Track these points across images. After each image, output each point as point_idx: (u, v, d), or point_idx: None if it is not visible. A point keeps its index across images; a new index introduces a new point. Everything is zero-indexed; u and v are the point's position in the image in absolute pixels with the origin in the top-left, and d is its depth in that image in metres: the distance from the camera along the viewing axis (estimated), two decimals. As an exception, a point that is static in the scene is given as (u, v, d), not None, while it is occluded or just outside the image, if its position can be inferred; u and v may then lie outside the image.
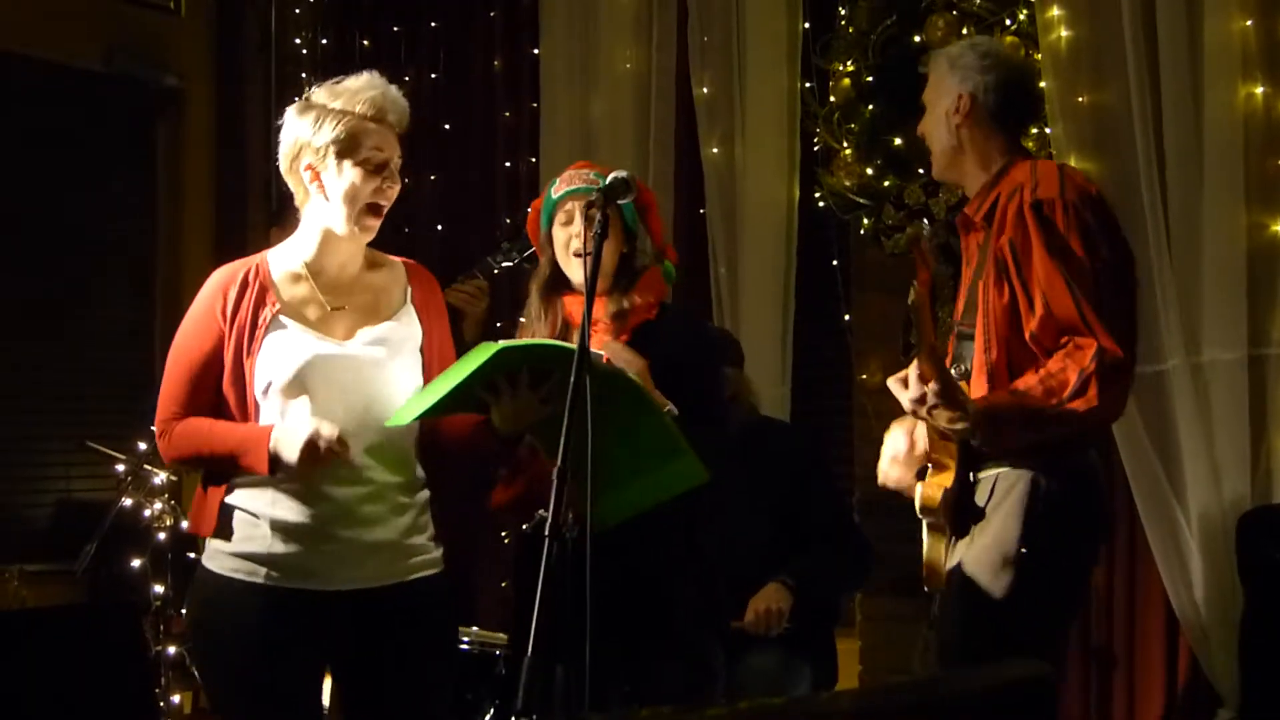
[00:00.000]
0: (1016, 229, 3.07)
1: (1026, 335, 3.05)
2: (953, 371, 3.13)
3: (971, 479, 3.14)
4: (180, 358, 3.03)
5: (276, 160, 3.06)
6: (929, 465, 3.18)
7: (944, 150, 3.30)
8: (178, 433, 3.00)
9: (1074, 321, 3.00)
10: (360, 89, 3.01)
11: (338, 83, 3.04)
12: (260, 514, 2.95)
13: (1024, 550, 3.04)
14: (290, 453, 2.86)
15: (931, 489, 3.12)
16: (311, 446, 2.84)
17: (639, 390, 2.99)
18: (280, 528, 2.94)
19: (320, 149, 2.97)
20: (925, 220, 3.40)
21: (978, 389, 3.09)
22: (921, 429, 3.22)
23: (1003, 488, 3.10)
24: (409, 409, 2.95)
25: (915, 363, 3.00)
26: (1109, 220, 3.16)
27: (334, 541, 2.95)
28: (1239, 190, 4.17)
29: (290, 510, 2.94)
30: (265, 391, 2.96)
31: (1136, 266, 3.31)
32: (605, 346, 3.32)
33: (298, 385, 2.94)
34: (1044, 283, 3.03)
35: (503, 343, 2.89)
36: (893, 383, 3.06)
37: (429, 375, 3.06)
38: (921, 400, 2.97)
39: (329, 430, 2.85)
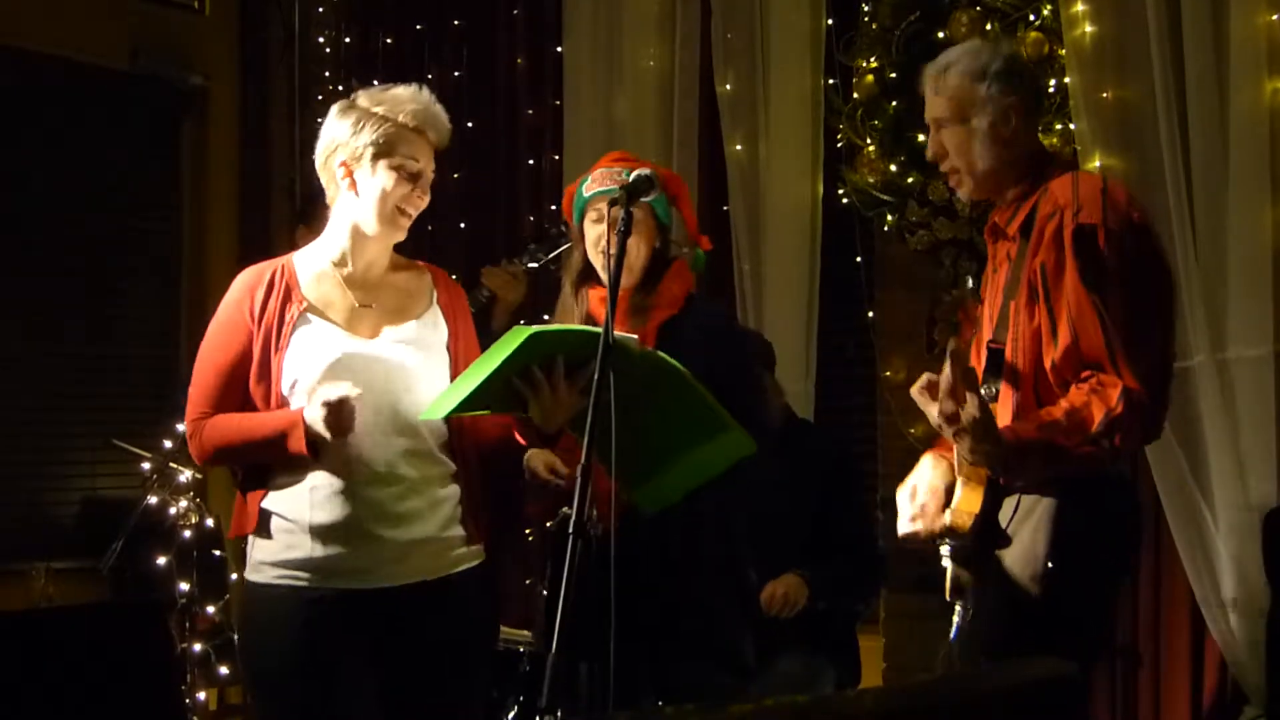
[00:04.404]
0: (1051, 252, 2.93)
1: (1047, 363, 2.94)
2: (981, 392, 3.03)
3: (1000, 496, 3.05)
4: (209, 359, 3.03)
5: (308, 157, 3.07)
6: (959, 481, 3.07)
7: (990, 170, 3.09)
8: (208, 430, 3.00)
9: (1100, 357, 2.88)
10: (405, 99, 3.03)
11: (385, 89, 3.05)
12: (299, 520, 2.95)
13: (1051, 565, 2.96)
14: (316, 425, 2.84)
15: (961, 517, 3.02)
16: (330, 409, 2.81)
17: (677, 370, 2.96)
18: (320, 532, 2.94)
19: (358, 149, 2.99)
20: (969, 280, 3.32)
21: (1004, 409, 3.01)
22: (936, 469, 3.17)
23: (1029, 501, 3.01)
24: (444, 401, 2.93)
25: (945, 370, 2.86)
26: (1151, 247, 3.00)
27: (375, 541, 2.95)
28: (1265, 186, 4.14)
29: (328, 513, 2.94)
30: (292, 388, 2.96)
31: (1178, 293, 3.18)
32: None
33: (325, 382, 2.92)
34: (1075, 313, 2.89)
35: (534, 327, 2.87)
36: (916, 391, 2.94)
37: (456, 374, 3.05)
38: (954, 419, 2.85)
39: (335, 390, 2.82)
